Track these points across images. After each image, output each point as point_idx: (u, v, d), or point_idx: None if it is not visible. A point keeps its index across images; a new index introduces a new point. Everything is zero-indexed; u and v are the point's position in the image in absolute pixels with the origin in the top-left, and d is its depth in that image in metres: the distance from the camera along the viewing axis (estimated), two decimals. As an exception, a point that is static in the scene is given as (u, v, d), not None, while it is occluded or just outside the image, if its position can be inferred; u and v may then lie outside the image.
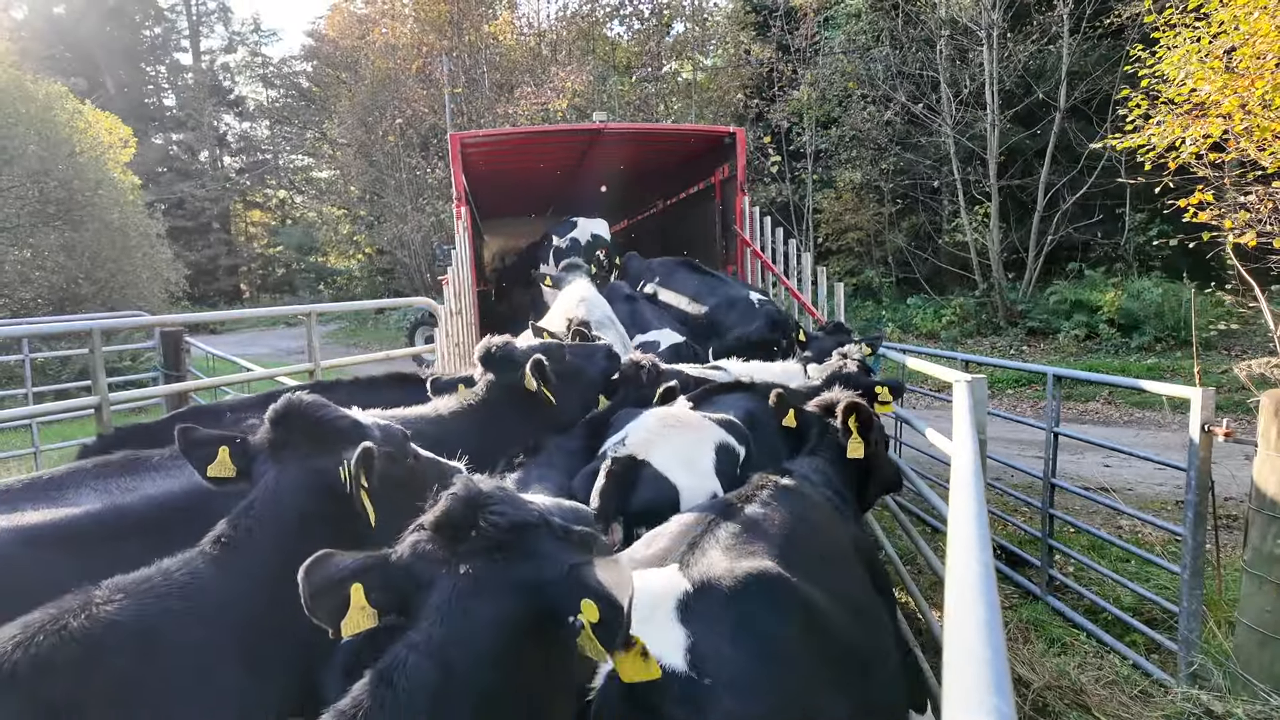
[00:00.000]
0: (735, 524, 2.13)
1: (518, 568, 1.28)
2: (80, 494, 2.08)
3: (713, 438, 2.96)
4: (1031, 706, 3.40)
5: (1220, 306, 12.22)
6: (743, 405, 3.43)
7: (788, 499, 2.36)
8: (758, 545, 2.04)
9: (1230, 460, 6.00)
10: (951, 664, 0.98)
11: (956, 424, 2.74)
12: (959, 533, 1.50)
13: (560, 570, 1.28)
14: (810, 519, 2.34)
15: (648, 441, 2.78)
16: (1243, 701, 3.09)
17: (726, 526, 2.11)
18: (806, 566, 2.03)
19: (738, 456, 3.00)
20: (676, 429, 2.91)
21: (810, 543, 2.23)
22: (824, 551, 2.25)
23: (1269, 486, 3.16)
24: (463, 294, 6.43)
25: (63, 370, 12.26)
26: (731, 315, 5.64)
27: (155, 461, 2.23)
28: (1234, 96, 4.96)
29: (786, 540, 2.11)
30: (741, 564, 1.89)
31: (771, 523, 2.18)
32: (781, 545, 2.07)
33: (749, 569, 1.86)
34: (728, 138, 7.64)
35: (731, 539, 2.06)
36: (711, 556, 1.94)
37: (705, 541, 2.04)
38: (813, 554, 2.16)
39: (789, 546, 2.08)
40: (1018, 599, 4.70)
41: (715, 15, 22.72)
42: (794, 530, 2.19)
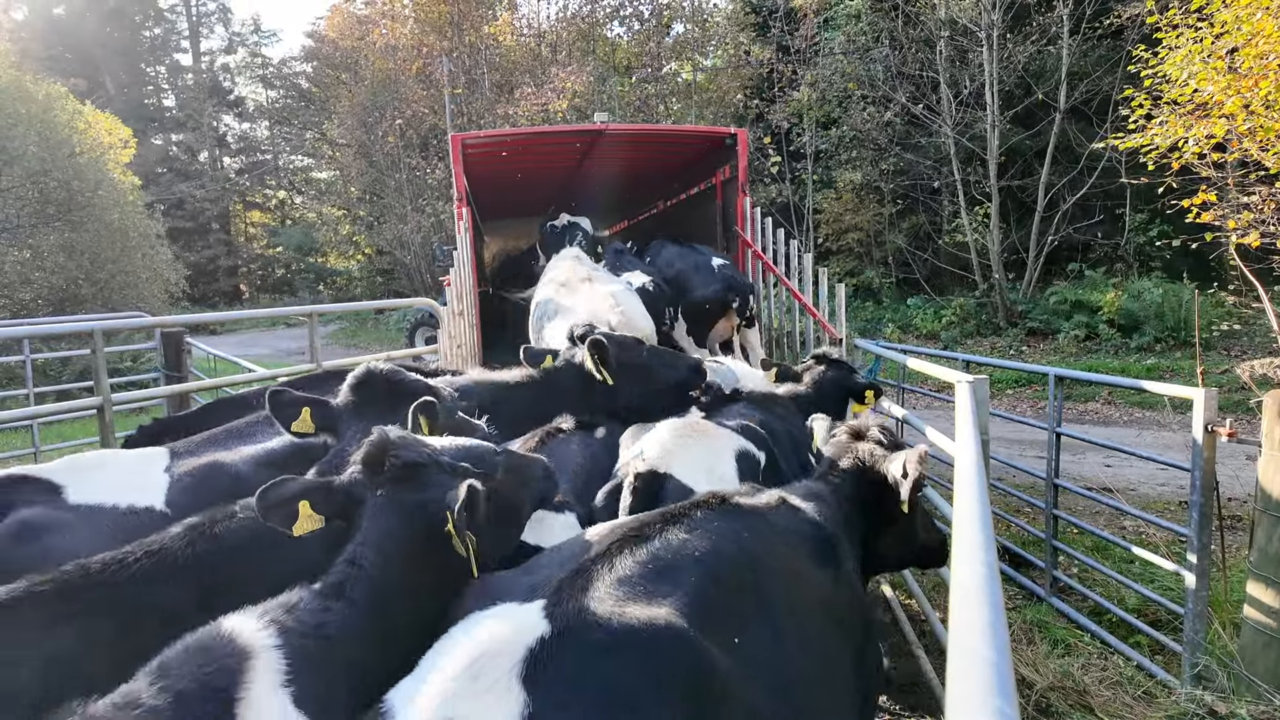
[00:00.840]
0: (648, 550, 1.68)
1: (409, 491, 1.78)
2: (266, 434, 2.64)
3: (732, 445, 2.87)
4: (1035, 707, 3.40)
5: (1221, 307, 12.24)
6: (751, 412, 3.33)
7: (735, 523, 1.88)
8: (666, 584, 1.58)
9: (1232, 460, 6.00)
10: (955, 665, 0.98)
11: (959, 425, 2.74)
12: (963, 534, 1.50)
13: (437, 492, 1.76)
14: (760, 554, 1.84)
15: (667, 453, 2.70)
16: (1247, 702, 3.09)
17: (635, 553, 1.66)
18: (730, 621, 1.60)
19: (758, 463, 2.89)
20: (693, 438, 2.84)
21: (748, 587, 1.73)
22: (767, 600, 1.75)
23: (1274, 487, 3.16)
24: (465, 295, 6.42)
25: (64, 371, 12.25)
26: (695, 278, 6.34)
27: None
28: (1237, 97, 4.95)
29: (712, 581, 1.65)
30: (630, 610, 1.45)
31: (698, 554, 1.71)
32: (702, 587, 1.61)
33: (637, 619, 1.42)
34: (729, 139, 7.63)
35: (635, 570, 1.60)
36: (596, 593, 1.50)
37: (596, 570, 1.59)
38: (746, 604, 1.69)
39: (713, 589, 1.63)
40: (1021, 600, 4.70)
41: (715, 16, 22.72)
42: (729, 568, 1.73)
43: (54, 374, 12.02)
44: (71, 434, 9.61)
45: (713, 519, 1.87)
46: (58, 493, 2.15)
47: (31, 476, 2.20)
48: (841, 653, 1.92)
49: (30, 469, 2.28)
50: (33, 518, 2.00)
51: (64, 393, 9.66)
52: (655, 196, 11.26)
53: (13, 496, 2.08)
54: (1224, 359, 11.43)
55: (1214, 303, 12.55)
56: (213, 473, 2.37)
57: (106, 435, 3.67)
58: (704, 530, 1.81)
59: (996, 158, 15.21)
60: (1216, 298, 12.57)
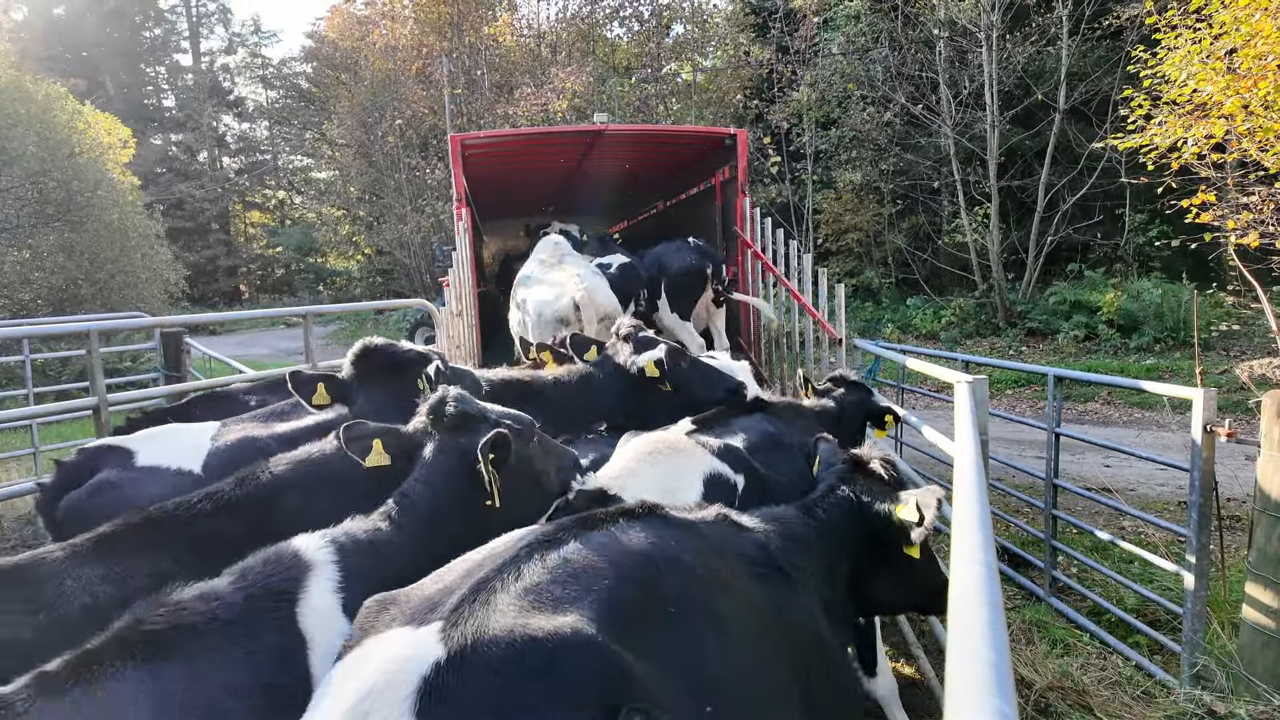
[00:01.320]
0: (560, 555, 1.55)
1: (461, 437, 2.18)
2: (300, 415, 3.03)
3: (702, 467, 2.61)
4: (1034, 707, 3.40)
5: (1220, 307, 12.24)
6: (761, 428, 3.07)
7: (659, 530, 1.75)
8: (576, 589, 1.46)
9: (1231, 460, 6.00)
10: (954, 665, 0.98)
11: (958, 425, 2.74)
12: (962, 534, 1.50)
13: (479, 439, 2.11)
14: (683, 562, 1.69)
15: (626, 472, 2.50)
16: (1245, 702, 3.09)
17: (545, 559, 1.54)
18: (646, 625, 1.49)
19: (733, 487, 2.64)
20: (661, 456, 2.61)
21: (667, 593, 1.59)
22: (689, 607, 1.62)
23: (1273, 488, 3.16)
24: (464, 295, 6.41)
25: (63, 371, 12.24)
26: (672, 255, 6.98)
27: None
28: (1236, 97, 4.95)
29: (628, 584, 1.53)
30: (533, 621, 1.34)
31: (614, 558, 1.59)
32: (616, 590, 1.49)
33: (541, 630, 1.31)
34: (729, 139, 7.63)
35: (544, 577, 1.48)
36: (498, 606, 1.38)
37: (502, 580, 1.46)
38: (665, 609, 1.56)
39: (628, 592, 1.51)
40: (1021, 600, 4.70)
41: (715, 17, 22.73)
42: (646, 571, 1.60)
43: (54, 374, 12.01)
44: (71, 434, 9.60)
45: (634, 525, 1.74)
46: (131, 458, 2.70)
47: (114, 445, 2.80)
48: (781, 678, 1.74)
49: (113, 440, 2.89)
50: (108, 478, 2.61)
51: (63, 393, 9.66)
52: (655, 197, 11.26)
53: (99, 461, 2.70)
54: (1223, 359, 11.43)
55: (1213, 303, 12.55)
56: (245, 445, 2.81)
57: (102, 435, 3.67)
58: (623, 536, 1.68)
59: (996, 158, 15.22)
60: (1215, 298, 12.57)
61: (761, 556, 1.91)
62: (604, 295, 5.81)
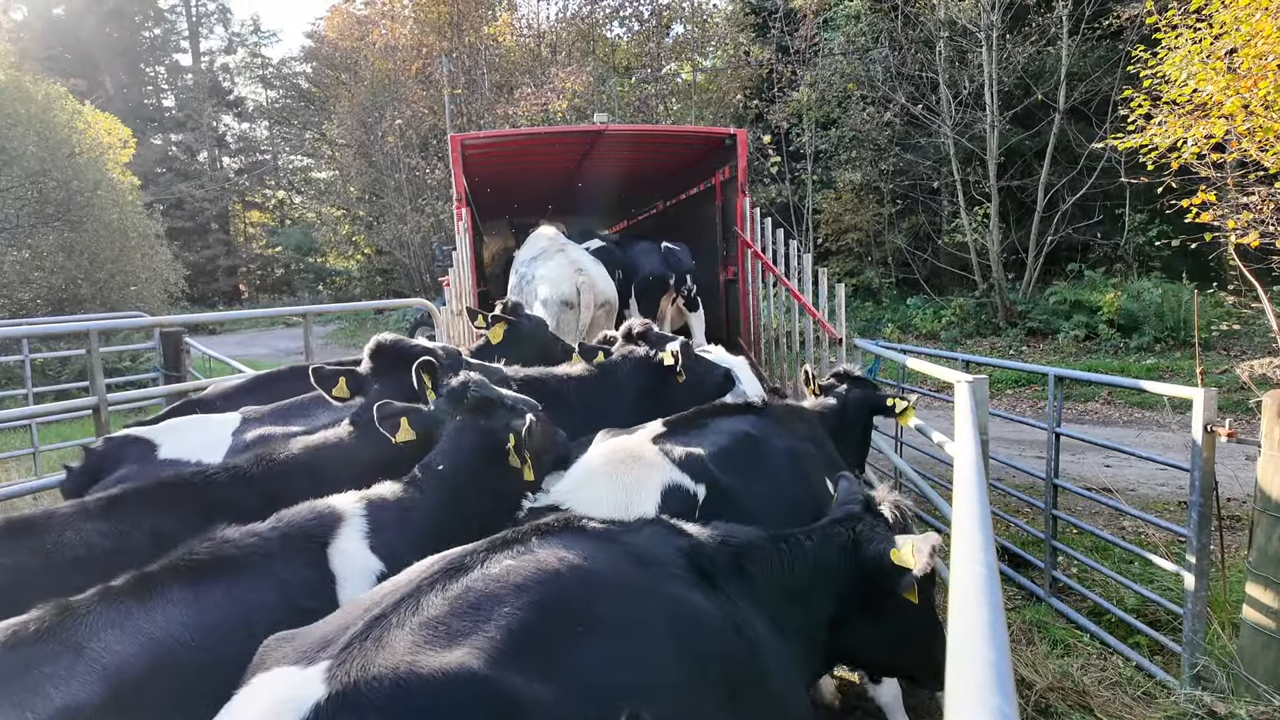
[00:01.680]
0: (464, 583, 1.52)
1: (481, 418, 2.41)
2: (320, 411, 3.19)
3: (660, 478, 2.49)
4: (1034, 708, 3.39)
5: (1220, 307, 12.23)
6: (739, 430, 2.88)
7: (574, 544, 1.70)
8: (474, 619, 1.43)
9: (1231, 460, 6.00)
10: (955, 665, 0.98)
11: (959, 425, 2.74)
12: (962, 534, 1.49)
13: (501, 420, 2.39)
14: (598, 575, 1.64)
15: (580, 484, 2.45)
16: (1246, 703, 3.08)
17: (447, 589, 1.50)
18: (551, 647, 1.46)
19: (694, 499, 2.50)
20: (618, 467, 2.51)
21: (577, 610, 1.55)
22: (601, 622, 1.56)
23: (1273, 488, 3.16)
24: (464, 295, 6.41)
25: (63, 371, 12.23)
26: (643, 259, 7.39)
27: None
28: (1236, 97, 4.94)
29: (531, 607, 1.48)
30: (422, 658, 1.31)
31: (520, 581, 1.54)
32: (518, 616, 1.45)
33: (427, 668, 1.28)
34: (729, 139, 7.63)
35: (443, 609, 1.44)
36: (388, 644, 1.34)
37: (399, 613, 1.42)
38: (573, 627, 1.52)
39: (531, 616, 1.47)
40: (1021, 600, 4.69)
41: (715, 17, 22.73)
42: (553, 591, 1.55)
43: (53, 374, 12.01)
44: (70, 434, 9.60)
45: (547, 542, 1.69)
46: (154, 450, 2.86)
47: (138, 436, 2.94)
48: (699, 691, 1.66)
49: (137, 430, 3.03)
50: (130, 474, 2.72)
51: (63, 392, 9.65)
52: (655, 197, 11.26)
53: (123, 452, 2.83)
54: (1224, 359, 11.43)
55: (1213, 303, 12.54)
56: (265, 439, 2.96)
57: (102, 435, 3.66)
58: (532, 555, 1.63)
59: (996, 158, 15.21)
60: (1216, 298, 12.57)
61: (686, 566, 1.81)
62: (604, 283, 6.42)
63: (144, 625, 1.61)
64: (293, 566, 1.85)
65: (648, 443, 2.68)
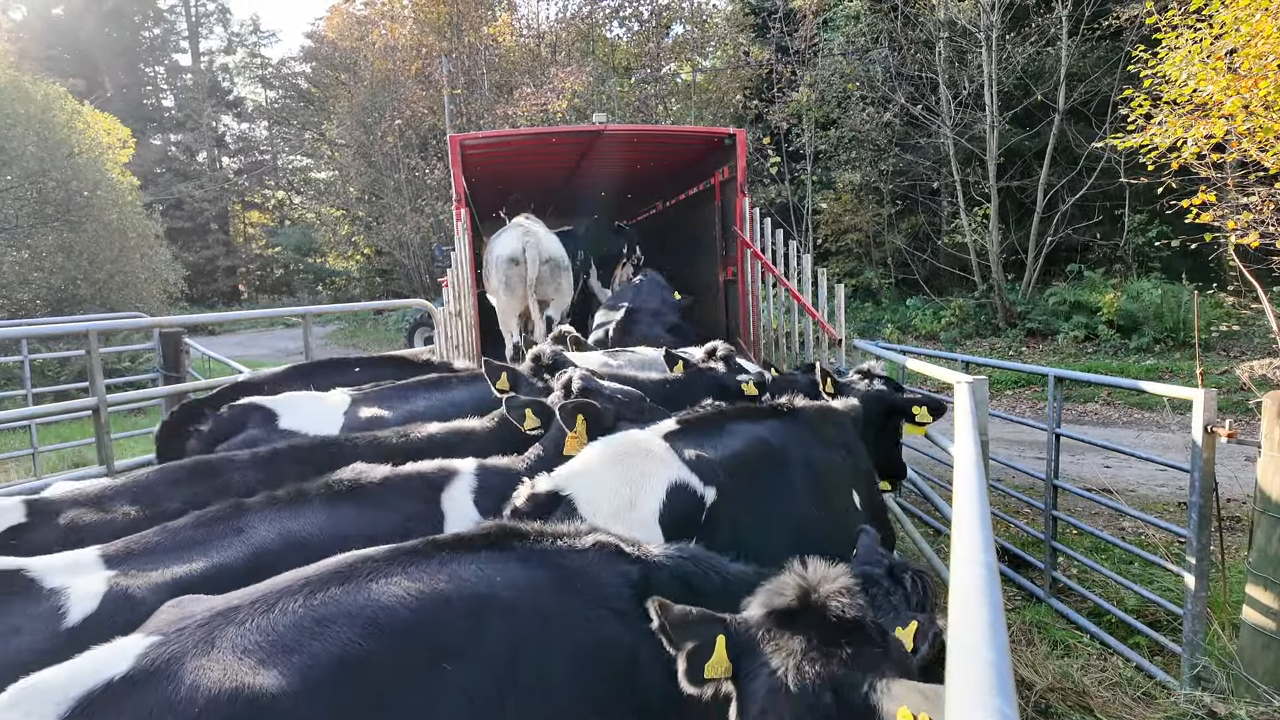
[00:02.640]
0: (325, 598, 1.45)
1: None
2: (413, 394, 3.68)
3: (667, 476, 2.35)
4: (1034, 708, 3.39)
5: (1220, 308, 12.24)
6: (758, 434, 2.70)
7: (491, 563, 1.60)
8: (300, 641, 1.37)
9: (1231, 461, 6.00)
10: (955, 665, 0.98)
11: (958, 425, 2.73)
12: (962, 534, 1.49)
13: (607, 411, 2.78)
14: (499, 603, 1.52)
15: (580, 473, 2.33)
16: (1245, 703, 3.08)
17: (309, 600, 1.45)
18: (398, 688, 1.38)
19: (700, 501, 2.36)
20: (625, 459, 2.40)
21: (453, 643, 1.45)
22: (481, 662, 1.45)
23: (1273, 488, 3.15)
24: (462, 296, 6.41)
25: (62, 371, 12.23)
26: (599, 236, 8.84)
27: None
28: (1237, 97, 4.94)
29: (394, 642, 1.40)
30: (216, 668, 1.32)
31: (391, 602, 1.45)
32: (359, 649, 1.38)
33: (209, 681, 1.29)
34: (728, 139, 7.63)
35: (290, 620, 1.40)
36: (216, 642, 1.35)
37: (249, 613, 1.42)
38: (428, 663, 1.42)
39: (388, 656, 1.39)
40: (1021, 601, 4.69)
41: (714, 17, 22.73)
42: (431, 623, 1.45)
43: (52, 374, 12.00)
44: (70, 434, 9.59)
45: (467, 557, 1.58)
46: (275, 419, 3.22)
47: (261, 405, 3.31)
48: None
49: (260, 400, 3.39)
50: (255, 436, 3.11)
51: (62, 393, 9.64)
52: (654, 197, 11.26)
53: (247, 418, 3.20)
54: (1224, 360, 11.43)
55: (1213, 304, 12.55)
56: (372, 419, 3.37)
57: (102, 436, 3.66)
58: (435, 572, 1.52)
59: (995, 158, 15.21)
60: (1216, 298, 12.57)
61: (631, 599, 1.62)
62: (549, 242, 7.29)
63: (288, 523, 2.10)
64: (412, 502, 2.31)
65: (659, 439, 2.55)
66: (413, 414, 3.37)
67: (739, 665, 1.42)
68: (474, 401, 3.51)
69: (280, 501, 2.17)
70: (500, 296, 7.12)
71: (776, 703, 1.32)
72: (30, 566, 1.83)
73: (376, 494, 2.27)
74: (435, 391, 3.68)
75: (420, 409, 3.48)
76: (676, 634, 1.44)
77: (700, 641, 1.42)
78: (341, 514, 2.16)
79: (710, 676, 1.42)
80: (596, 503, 2.20)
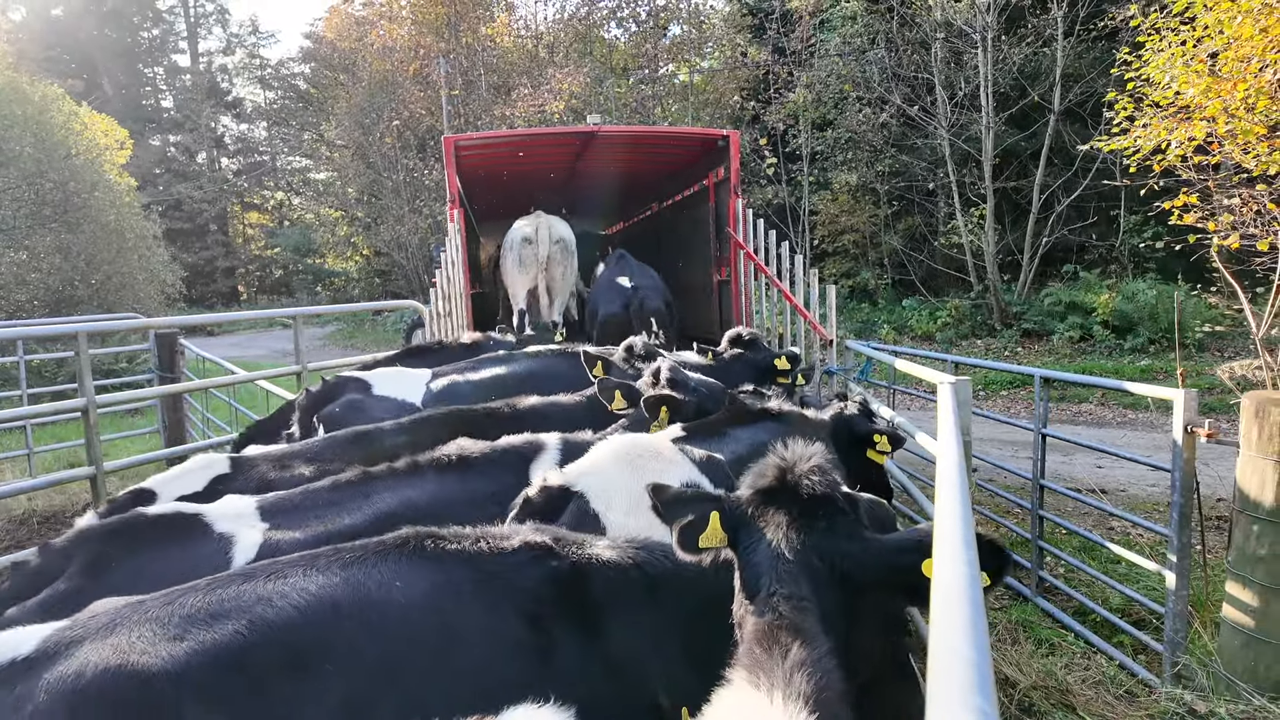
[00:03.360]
0: (239, 591, 1.51)
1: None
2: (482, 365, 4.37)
3: (681, 475, 2.40)
4: (1018, 706, 3.41)
5: (1212, 309, 12.27)
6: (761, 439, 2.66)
7: (396, 567, 1.60)
8: (199, 634, 1.43)
9: (1220, 462, 6.02)
10: (936, 664, 0.99)
11: (941, 425, 2.75)
12: (944, 533, 1.50)
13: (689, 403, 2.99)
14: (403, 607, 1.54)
15: (591, 470, 2.34)
16: (1226, 701, 3.11)
17: (219, 591, 1.51)
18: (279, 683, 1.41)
19: None
20: (635, 459, 2.43)
21: (340, 643, 1.48)
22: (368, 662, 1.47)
23: (1250, 487, 3.18)
24: (452, 296, 6.43)
25: (58, 372, 12.25)
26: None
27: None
28: (1218, 100, 4.98)
29: (271, 631, 1.45)
30: (112, 647, 1.39)
31: (286, 601, 1.48)
32: (240, 640, 1.43)
33: (101, 659, 1.37)
34: (721, 141, 7.66)
35: (181, 615, 1.47)
36: (114, 632, 1.42)
37: (151, 607, 1.49)
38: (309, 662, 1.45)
39: (263, 643, 1.44)
40: (1008, 600, 4.71)
41: (712, 18, 22.75)
42: (316, 622, 1.48)
43: (49, 375, 12.02)
44: (66, 435, 9.61)
45: (368, 562, 1.59)
46: (369, 388, 3.85)
47: (358, 377, 3.97)
48: None
49: (358, 373, 4.10)
50: (352, 400, 3.72)
51: (59, 393, 9.67)
52: (649, 198, 11.29)
53: (346, 388, 3.84)
54: (1215, 360, 11.46)
55: (1204, 304, 12.58)
56: (449, 388, 3.98)
57: (91, 436, 3.68)
58: (331, 576, 1.54)
59: (991, 159, 15.24)
60: (1206, 299, 12.60)
61: (539, 596, 1.60)
62: (561, 226, 8.29)
63: (405, 490, 2.42)
64: (505, 472, 2.57)
65: (668, 442, 2.60)
66: (481, 384, 4.07)
67: (736, 537, 1.61)
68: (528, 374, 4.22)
69: (399, 472, 2.52)
70: (514, 275, 8.20)
71: (775, 569, 1.50)
72: (207, 513, 2.22)
73: (477, 465, 2.60)
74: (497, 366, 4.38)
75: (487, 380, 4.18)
76: (668, 512, 1.64)
77: (695, 516, 1.61)
78: (448, 482, 2.51)
79: (705, 546, 1.61)
80: (610, 498, 2.22)
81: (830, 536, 1.55)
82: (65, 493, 7.03)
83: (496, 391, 3.83)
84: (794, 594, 1.43)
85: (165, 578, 1.76)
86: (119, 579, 1.93)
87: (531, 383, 3.94)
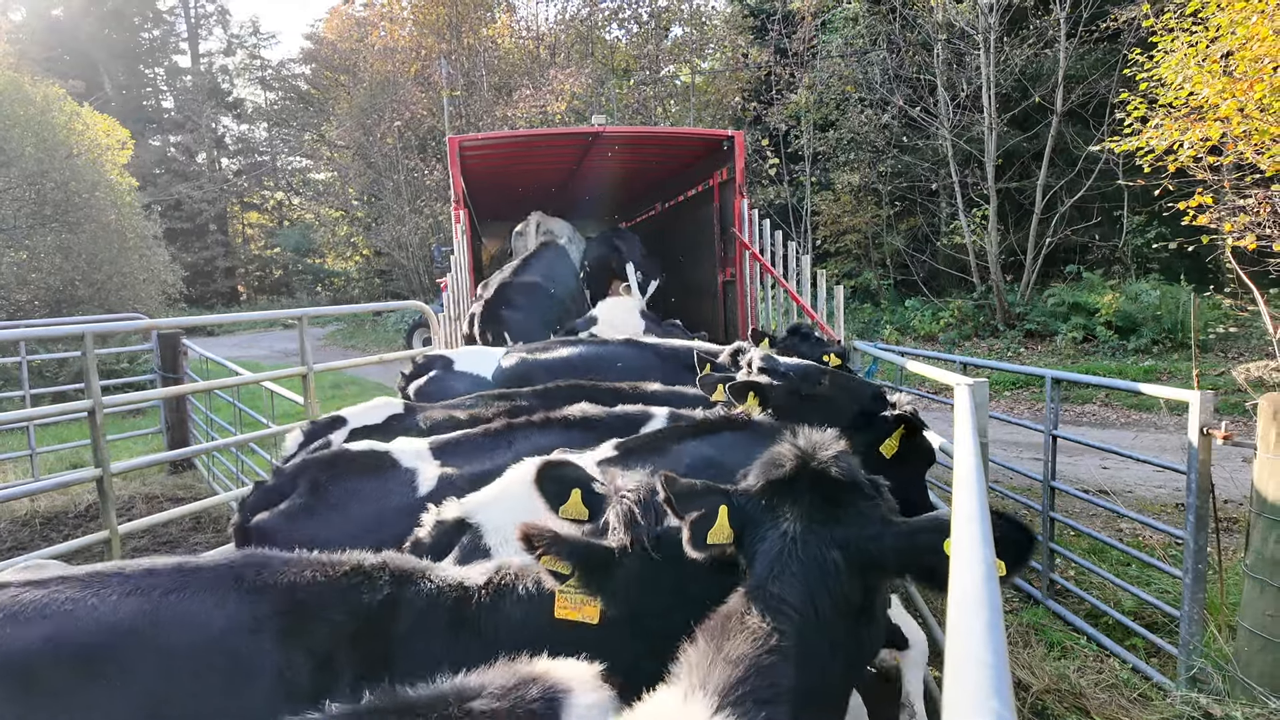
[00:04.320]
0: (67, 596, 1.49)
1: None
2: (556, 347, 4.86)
3: None
4: (1031, 710, 3.39)
5: (1217, 309, 12.25)
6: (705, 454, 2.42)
7: (187, 579, 1.55)
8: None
9: (1228, 462, 5.99)
10: (953, 667, 0.98)
11: (958, 427, 2.72)
12: (961, 537, 1.48)
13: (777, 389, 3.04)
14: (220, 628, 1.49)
15: (494, 500, 2.14)
16: (1241, 705, 3.08)
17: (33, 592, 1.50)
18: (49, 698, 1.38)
19: None
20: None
21: (131, 665, 1.43)
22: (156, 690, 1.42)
23: (1269, 490, 3.16)
24: (462, 300, 6.41)
25: (60, 373, 12.22)
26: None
27: None
28: (1232, 100, 4.95)
29: (46, 646, 1.42)
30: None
31: (90, 616, 1.45)
32: (26, 647, 1.41)
33: None
34: (726, 141, 7.64)
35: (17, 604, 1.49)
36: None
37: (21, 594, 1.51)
38: (81, 685, 1.42)
39: (49, 657, 1.41)
40: (1019, 603, 4.69)
41: (713, 19, 22.76)
42: (114, 641, 1.44)
43: (50, 375, 11.99)
44: (69, 435, 9.58)
45: (198, 581, 1.52)
46: (452, 363, 4.49)
47: (443, 355, 4.63)
48: None
49: (443, 351, 4.94)
50: (437, 374, 4.37)
51: (60, 394, 9.63)
52: (653, 199, 11.27)
53: (433, 364, 4.49)
54: (1221, 361, 11.44)
55: (1211, 305, 12.56)
56: (519, 366, 4.51)
57: (98, 438, 3.65)
58: (156, 595, 1.49)
59: (994, 160, 15.23)
60: (1213, 300, 12.58)
61: (340, 626, 1.51)
62: (551, 221, 9.69)
63: (538, 439, 2.75)
64: (619, 433, 2.70)
65: (593, 466, 2.23)
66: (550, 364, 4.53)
67: (744, 533, 1.49)
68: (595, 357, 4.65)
69: (535, 425, 2.92)
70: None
71: (789, 565, 1.40)
72: (395, 450, 2.71)
73: (597, 425, 2.92)
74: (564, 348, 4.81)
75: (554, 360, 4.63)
76: (680, 504, 1.51)
77: (705, 510, 1.49)
78: (572, 437, 2.81)
79: (713, 542, 1.48)
80: (507, 533, 1.95)
81: (851, 523, 1.48)
82: (67, 494, 7.00)
83: (563, 371, 4.34)
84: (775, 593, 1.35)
85: (369, 498, 2.52)
86: (334, 497, 2.56)
87: (597, 364, 4.52)
